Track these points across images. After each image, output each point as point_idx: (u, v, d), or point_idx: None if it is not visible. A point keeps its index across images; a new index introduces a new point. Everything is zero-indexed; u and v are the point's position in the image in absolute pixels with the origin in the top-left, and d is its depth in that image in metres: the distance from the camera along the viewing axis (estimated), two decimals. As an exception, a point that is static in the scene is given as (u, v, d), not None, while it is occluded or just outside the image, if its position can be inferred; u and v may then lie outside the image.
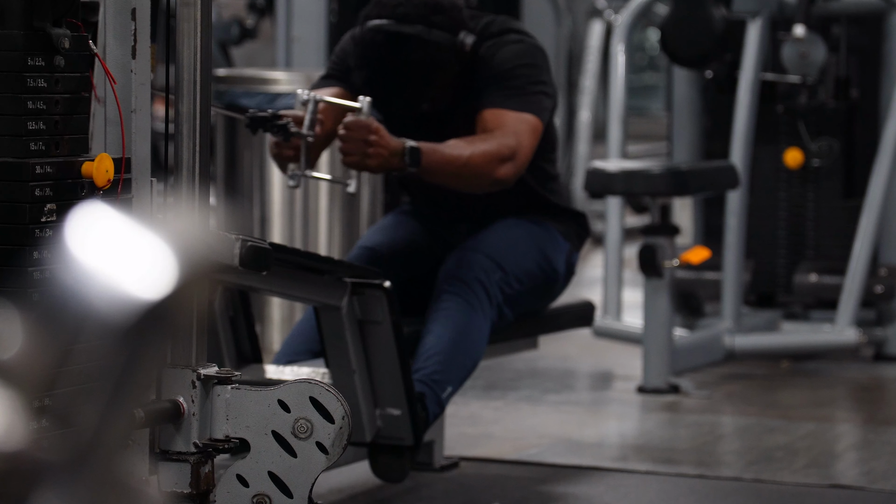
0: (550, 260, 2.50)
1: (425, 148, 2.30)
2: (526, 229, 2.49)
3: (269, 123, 2.23)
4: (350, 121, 2.27)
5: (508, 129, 2.34)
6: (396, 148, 2.28)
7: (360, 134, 2.25)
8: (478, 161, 2.32)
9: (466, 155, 2.32)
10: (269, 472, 1.85)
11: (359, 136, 2.25)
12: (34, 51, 1.77)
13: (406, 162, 2.28)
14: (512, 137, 2.34)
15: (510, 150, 2.33)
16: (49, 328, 0.76)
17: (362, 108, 2.27)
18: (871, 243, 3.50)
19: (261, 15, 5.25)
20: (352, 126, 2.26)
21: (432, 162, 2.30)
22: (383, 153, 2.26)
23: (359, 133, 2.25)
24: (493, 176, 2.34)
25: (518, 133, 2.34)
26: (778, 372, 3.50)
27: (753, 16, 3.59)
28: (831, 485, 2.56)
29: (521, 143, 2.35)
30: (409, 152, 2.28)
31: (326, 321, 2.27)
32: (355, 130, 2.26)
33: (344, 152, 2.27)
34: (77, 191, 1.80)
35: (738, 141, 3.57)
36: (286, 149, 2.28)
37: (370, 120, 2.27)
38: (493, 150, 2.32)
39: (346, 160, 2.28)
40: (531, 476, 2.59)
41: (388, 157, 2.27)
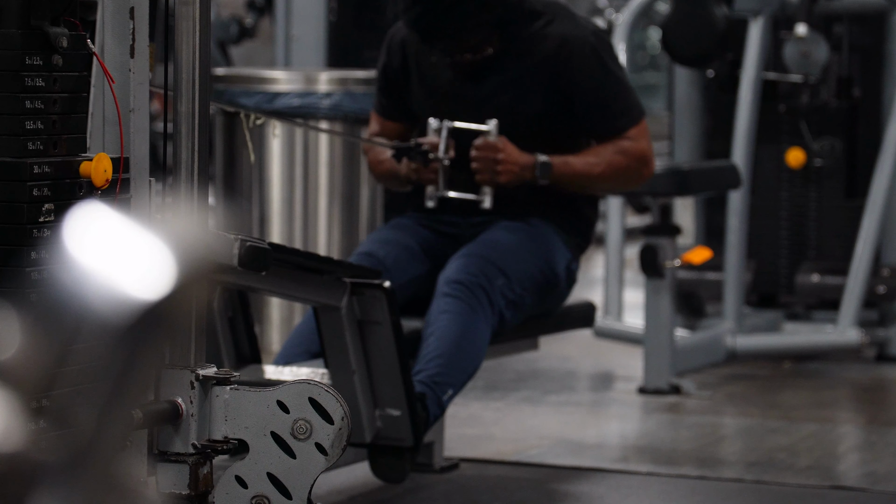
0: (552, 265, 2.52)
1: (556, 162, 2.47)
2: (527, 234, 2.51)
3: (413, 152, 2.47)
4: (479, 142, 2.46)
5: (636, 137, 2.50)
6: (527, 163, 2.46)
7: (489, 153, 2.45)
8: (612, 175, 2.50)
9: (599, 171, 2.49)
10: (268, 474, 1.85)
11: (488, 156, 2.45)
12: (32, 50, 1.76)
13: (537, 175, 2.46)
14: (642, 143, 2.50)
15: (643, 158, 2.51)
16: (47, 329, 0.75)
17: (490, 129, 2.47)
18: (874, 243, 3.50)
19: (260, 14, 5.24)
20: (481, 147, 2.46)
21: (563, 175, 2.47)
22: (513, 169, 2.45)
23: (488, 153, 2.45)
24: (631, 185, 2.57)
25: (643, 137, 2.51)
26: (780, 373, 3.50)
27: (755, 14, 3.58)
28: (833, 486, 2.56)
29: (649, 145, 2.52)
30: (539, 167, 2.46)
31: (326, 321, 2.26)
32: (485, 150, 2.46)
33: (475, 171, 2.47)
34: (75, 190, 1.79)
35: (739, 140, 3.56)
36: (427, 173, 2.48)
37: (498, 140, 2.46)
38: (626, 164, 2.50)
39: (479, 178, 2.47)
40: (532, 477, 2.58)
41: (520, 172, 2.46)
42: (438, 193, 2.48)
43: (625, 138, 2.49)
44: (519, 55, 2.47)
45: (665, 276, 3.22)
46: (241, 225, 3.35)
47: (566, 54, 2.47)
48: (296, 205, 3.40)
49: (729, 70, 3.66)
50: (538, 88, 2.47)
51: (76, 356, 0.77)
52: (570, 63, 2.47)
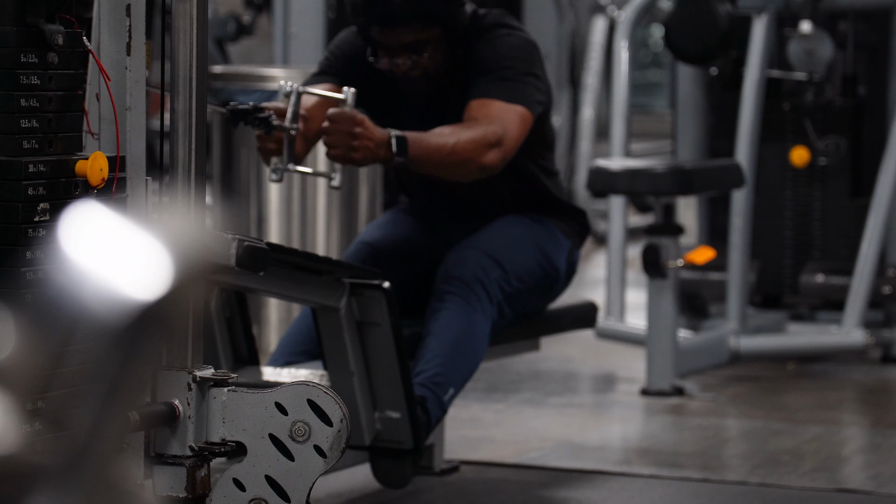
0: (551, 257, 2.47)
1: (411, 137, 2.25)
2: (525, 227, 2.47)
3: (250, 116, 2.17)
4: (334, 112, 2.21)
5: (494, 117, 2.31)
6: (382, 139, 2.22)
7: (345, 126, 2.20)
8: (464, 147, 2.27)
9: (452, 142, 2.27)
10: (266, 476, 1.84)
11: (343, 129, 2.20)
12: (27, 47, 1.75)
13: (393, 152, 2.22)
14: (498, 124, 2.30)
15: (496, 136, 2.30)
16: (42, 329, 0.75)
17: (346, 99, 2.21)
18: (879, 243, 3.48)
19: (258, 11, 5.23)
20: (336, 118, 2.21)
21: (419, 151, 2.24)
22: (369, 145, 2.20)
23: (343, 125, 2.20)
24: (479, 162, 2.29)
25: (505, 121, 2.31)
26: (784, 374, 3.48)
27: (759, 12, 3.56)
28: (838, 489, 2.55)
29: (508, 130, 2.30)
30: (396, 142, 2.22)
31: (325, 322, 2.24)
32: (340, 122, 2.20)
33: (328, 145, 2.22)
34: (71, 190, 1.78)
35: (743, 139, 3.54)
36: (269, 142, 2.23)
37: (355, 112, 2.21)
38: (478, 136, 2.28)
39: (331, 153, 2.22)
40: (533, 480, 2.57)
41: (375, 148, 2.21)
42: (282, 166, 2.18)
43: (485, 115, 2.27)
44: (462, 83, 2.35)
45: (668, 277, 3.21)
46: (239, 225, 3.33)
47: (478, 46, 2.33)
48: (294, 204, 3.38)
49: (732, 68, 3.64)
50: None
51: (72, 357, 0.77)
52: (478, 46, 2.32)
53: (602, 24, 5.75)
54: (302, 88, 2.22)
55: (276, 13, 3.96)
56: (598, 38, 5.71)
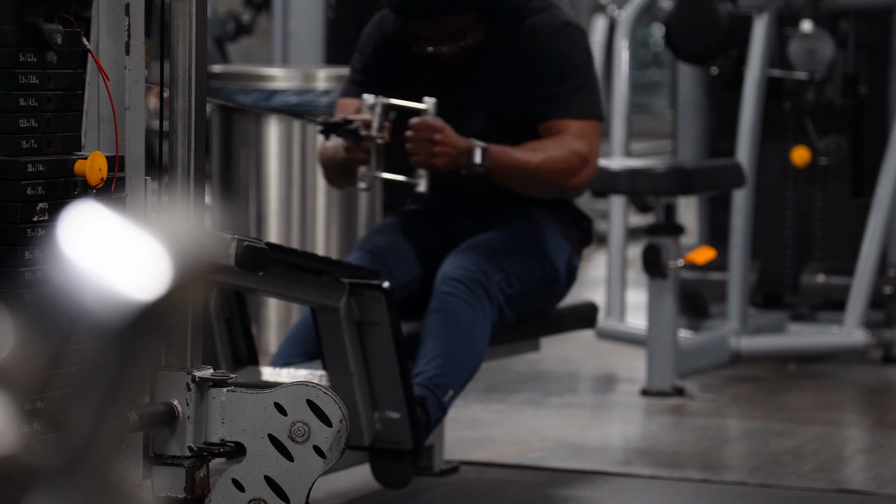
0: (551, 260, 2.48)
1: (494, 149, 2.36)
2: (526, 229, 2.47)
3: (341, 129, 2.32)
4: (416, 121, 2.34)
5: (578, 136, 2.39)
6: (464, 147, 2.34)
7: (426, 134, 2.33)
8: (550, 168, 2.38)
9: (537, 161, 2.37)
10: (265, 477, 1.83)
11: (425, 136, 2.33)
12: (26, 47, 1.74)
13: (474, 161, 2.34)
14: (583, 143, 2.40)
15: (582, 157, 2.40)
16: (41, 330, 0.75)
17: (428, 108, 2.34)
18: (880, 243, 3.47)
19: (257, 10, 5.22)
20: (418, 126, 2.34)
21: (500, 163, 2.35)
22: (450, 152, 2.33)
23: (424, 133, 2.33)
24: (565, 185, 2.41)
25: (587, 138, 2.40)
26: (785, 374, 3.48)
27: (760, 11, 3.55)
28: (839, 489, 2.54)
29: (592, 148, 2.41)
30: (477, 152, 2.34)
31: (324, 323, 2.23)
32: (421, 130, 2.33)
33: (411, 152, 2.34)
34: (70, 189, 1.78)
35: (744, 139, 3.53)
36: (358, 152, 2.35)
37: (436, 120, 2.34)
38: (564, 157, 2.38)
39: (414, 159, 2.35)
40: (533, 480, 2.57)
41: (456, 155, 2.34)
42: (370, 174, 2.33)
43: (570, 133, 2.38)
44: (498, 52, 2.40)
45: (668, 277, 3.20)
46: (238, 224, 3.33)
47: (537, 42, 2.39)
48: (293, 204, 3.38)
49: (733, 67, 3.63)
50: (517, 86, 2.40)
51: (71, 358, 0.77)
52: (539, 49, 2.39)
53: (602, 24, 5.75)
54: (385, 100, 2.33)
55: (276, 12, 3.96)
56: (598, 38, 5.71)
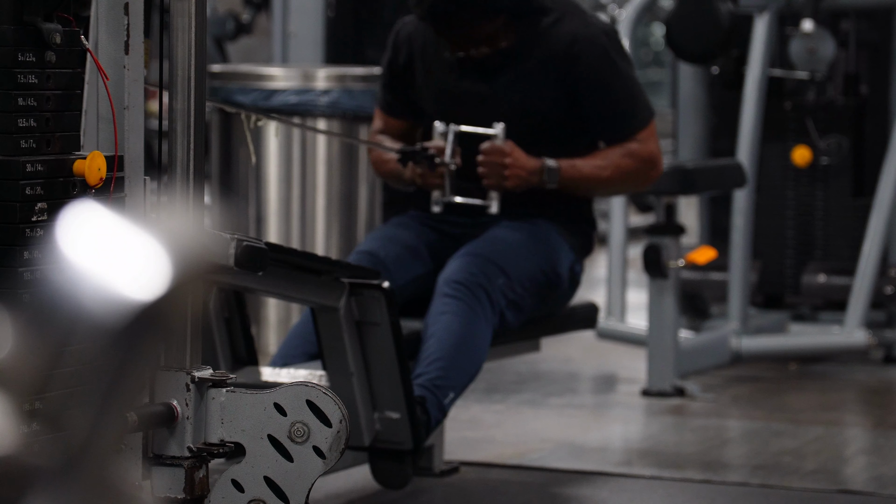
0: (554, 266, 2.49)
1: (564, 165, 2.44)
2: (528, 233, 2.48)
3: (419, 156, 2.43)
4: (486, 146, 2.43)
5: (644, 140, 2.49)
6: (534, 168, 2.43)
7: (497, 158, 2.42)
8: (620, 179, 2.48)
9: (608, 174, 2.47)
10: (264, 477, 1.83)
11: (496, 161, 2.42)
12: (25, 46, 1.74)
13: (545, 180, 2.43)
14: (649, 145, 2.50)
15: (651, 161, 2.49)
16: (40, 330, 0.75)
17: (497, 133, 2.43)
18: (882, 243, 3.46)
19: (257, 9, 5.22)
20: (488, 151, 2.43)
21: (571, 179, 2.45)
22: (521, 174, 2.42)
23: (495, 157, 2.42)
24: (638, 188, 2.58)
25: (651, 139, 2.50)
26: (786, 375, 3.47)
27: (761, 10, 3.55)
28: (840, 490, 2.54)
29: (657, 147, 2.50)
30: (547, 171, 2.43)
31: (324, 322, 2.23)
32: (492, 155, 2.42)
33: (483, 176, 2.44)
34: (69, 189, 1.77)
35: (744, 138, 3.53)
36: (433, 178, 2.45)
37: (506, 144, 2.42)
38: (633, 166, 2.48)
39: (487, 183, 2.44)
40: (533, 481, 2.56)
41: (527, 176, 2.43)
42: (445, 199, 2.46)
43: (633, 140, 2.48)
44: (529, 52, 2.44)
45: (669, 277, 3.19)
46: (238, 224, 3.32)
47: (576, 53, 2.44)
48: (293, 204, 3.37)
49: (734, 67, 3.62)
50: (548, 87, 2.45)
51: (70, 358, 0.77)
52: (580, 62, 2.44)
53: (603, 23, 5.72)
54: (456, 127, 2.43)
55: (276, 12, 3.95)
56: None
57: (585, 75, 2.44)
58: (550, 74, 2.44)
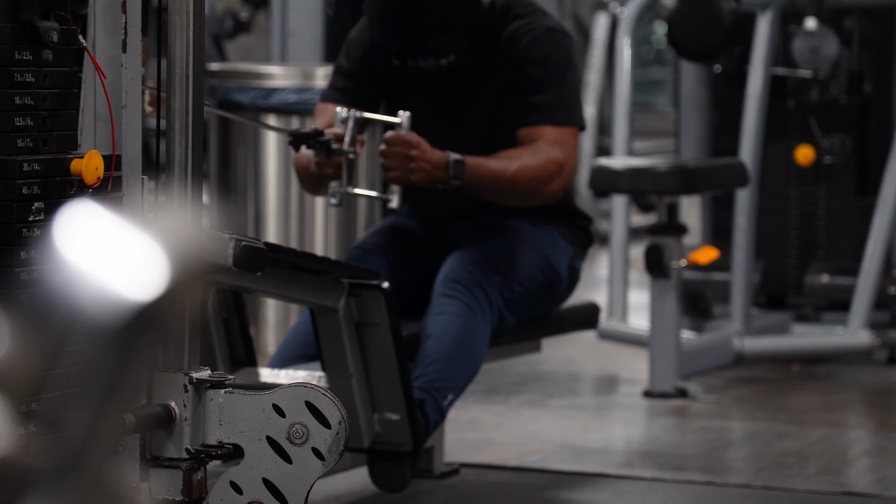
0: (552, 263, 2.45)
1: (470, 161, 2.29)
2: (527, 232, 2.45)
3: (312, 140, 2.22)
4: (391, 136, 2.26)
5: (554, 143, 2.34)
6: (440, 161, 2.26)
7: (402, 149, 2.25)
8: (525, 176, 2.33)
9: (513, 170, 2.32)
10: (263, 479, 1.82)
11: (401, 151, 2.25)
12: (21, 44, 1.73)
13: (451, 175, 2.27)
14: (558, 150, 2.34)
15: (557, 165, 2.34)
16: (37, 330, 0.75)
17: (402, 122, 2.26)
18: (885, 243, 3.45)
19: (255, 8, 5.21)
20: (393, 141, 2.25)
21: (477, 175, 2.29)
22: (426, 167, 2.25)
23: (400, 148, 2.25)
24: (541, 193, 2.35)
25: (563, 145, 2.35)
26: (789, 375, 3.46)
27: (763, 8, 3.53)
28: (843, 492, 2.53)
29: (568, 156, 2.36)
30: (453, 165, 2.27)
31: (323, 323, 2.22)
32: (397, 145, 2.25)
33: (386, 168, 2.27)
34: (66, 189, 1.76)
35: (747, 137, 3.51)
36: (328, 166, 2.27)
37: (411, 134, 2.25)
38: (539, 165, 2.33)
39: (389, 175, 2.27)
40: (534, 483, 2.55)
41: (432, 170, 2.26)
42: (341, 190, 2.24)
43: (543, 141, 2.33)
44: (485, 63, 2.34)
45: (671, 277, 3.18)
46: (236, 224, 3.31)
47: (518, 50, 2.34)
48: (292, 203, 3.36)
49: (736, 65, 3.61)
50: (504, 95, 2.35)
51: (67, 359, 0.76)
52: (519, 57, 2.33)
53: (604, 21, 5.72)
54: (358, 114, 2.26)
55: (274, 10, 3.94)
56: (600, 35, 5.68)
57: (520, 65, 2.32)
58: (506, 81, 2.33)
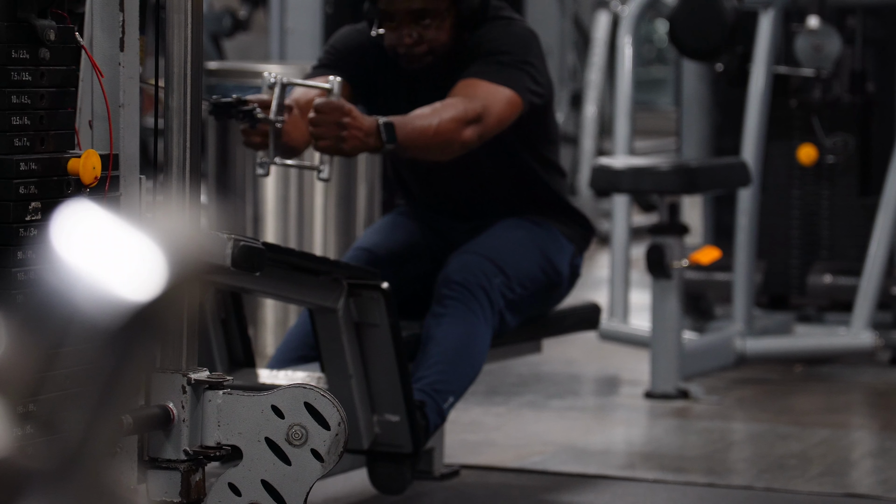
0: (553, 263, 2.44)
1: (397, 122, 2.19)
2: (528, 231, 2.43)
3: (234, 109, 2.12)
4: (320, 103, 2.15)
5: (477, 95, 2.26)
6: (371, 127, 2.16)
7: (333, 116, 2.13)
8: (446, 126, 2.22)
9: (435, 123, 2.22)
10: (262, 481, 1.81)
11: (331, 119, 2.13)
12: (18, 43, 1.72)
13: (383, 139, 2.16)
14: (479, 102, 2.26)
15: (475, 113, 2.25)
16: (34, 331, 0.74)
17: (333, 88, 2.15)
18: (888, 243, 3.44)
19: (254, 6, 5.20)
20: (323, 108, 2.14)
21: (406, 135, 2.19)
22: (358, 135, 2.14)
23: (331, 115, 2.13)
24: (458, 139, 2.24)
25: (487, 99, 2.26)
26: (791, 376, 3.45)
27: (766, 7, 3.52)
28: (846, 494, 2.52)
29: (489, 108, 2.26)
30: (384, 129, 2.16)
31: (322, 324, 2.20)
32: (327, 113, 2.13)
33: (316, 136, 2.14)
34: (63, 188, 1.76)
35: (749, 137, 3.50)
36: (254, 135, 2.17)
37: (342, 101, 2.15)
38: (458, 114, 2.23)
39: (320, 145, 2.15)
40: (535, 485, 2.54)
41: (364, 137, 2.15)
42: (268, 160, 2.14)
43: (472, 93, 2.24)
44: (461, 60, 2.30)
45: (672, 277, 3.17)
46: (235, 224, 3.30)
47: (478, 39, 2.29)
48: (291, 203, 3.34)
49: (738, 64, 3.59)
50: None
51: (64, 359, 0.76)
52: (482, 43, 2.28)
53: (605, 20, 5.71)
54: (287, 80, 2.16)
55: (273, 8, 3.93)
56: (601, 34, 5.67)
57: (481, 51, 2.27)
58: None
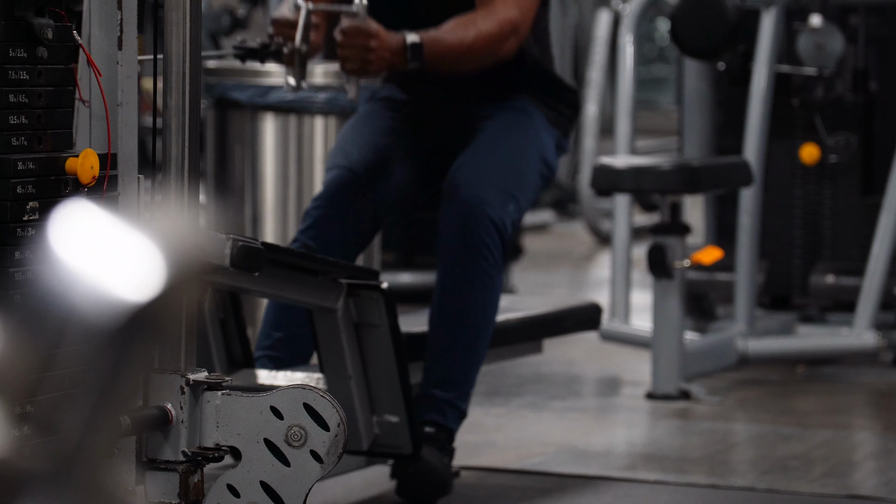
0: (548, 161, 2.39)
1: (426, 40, 2.21)
2: (523, 131, 2.34)
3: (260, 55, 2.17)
4: (347, 26, 2.18)
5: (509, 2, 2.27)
6: (398, 47, 2.19)
7: (360, 40, 2.17)
8: (482, 44, 2.25)
9: (470, 39, 2.24)
10: (261, 482, 1.80)
11: (359, 42, 2.17)
12: (15, 41, 1.72)
13: (409, 58, 2.19)
14: (513, 9, 2.28)
15: (512, 24, 2.27)
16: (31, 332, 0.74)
17: (358, 12, 2.18)
18: (891, 242, 3.43)
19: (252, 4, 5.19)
20: (350, 31, 2.18)
21: (435, 53, 2.21)
22: (385, 56, 2.18)
23: (358, 39, 2.17)
24: (497, 55, 2.27)
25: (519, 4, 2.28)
26: (793, 377, 3.44)
27: (768, 5, 3.51)
28: (849, 495, 2.51)
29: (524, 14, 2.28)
30: (410, 49, 2.19)
31: (321, 324, 2.20)
32: (354, 36, 2.18)
33: (344, 59, 2.19)
34: (61, 188, 1.75)
35: (751, 136, 3.49)
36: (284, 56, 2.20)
37: (369, 23, 2.18)
38: (495, 28, 2.25)
39: (347, 67, 2.19)
40: (535, 486, 2.54)
41: (391, 58, 2.19)
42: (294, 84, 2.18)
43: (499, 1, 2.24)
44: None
45: (674, 277, 3.16)
46: (234, 224, 3.29)
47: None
48: (290, 203, 3.34)
49: (740, 63, 3.58)
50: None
51: (62, 360, 0.75)
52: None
53: (606, 18, 5.70)
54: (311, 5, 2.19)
55: (271, 6, 3.92)
56: (602, 32, 5.65)
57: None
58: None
